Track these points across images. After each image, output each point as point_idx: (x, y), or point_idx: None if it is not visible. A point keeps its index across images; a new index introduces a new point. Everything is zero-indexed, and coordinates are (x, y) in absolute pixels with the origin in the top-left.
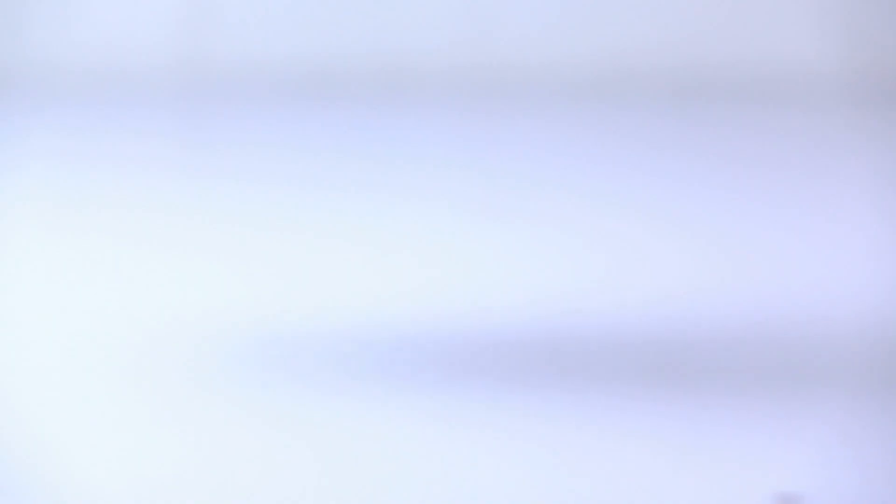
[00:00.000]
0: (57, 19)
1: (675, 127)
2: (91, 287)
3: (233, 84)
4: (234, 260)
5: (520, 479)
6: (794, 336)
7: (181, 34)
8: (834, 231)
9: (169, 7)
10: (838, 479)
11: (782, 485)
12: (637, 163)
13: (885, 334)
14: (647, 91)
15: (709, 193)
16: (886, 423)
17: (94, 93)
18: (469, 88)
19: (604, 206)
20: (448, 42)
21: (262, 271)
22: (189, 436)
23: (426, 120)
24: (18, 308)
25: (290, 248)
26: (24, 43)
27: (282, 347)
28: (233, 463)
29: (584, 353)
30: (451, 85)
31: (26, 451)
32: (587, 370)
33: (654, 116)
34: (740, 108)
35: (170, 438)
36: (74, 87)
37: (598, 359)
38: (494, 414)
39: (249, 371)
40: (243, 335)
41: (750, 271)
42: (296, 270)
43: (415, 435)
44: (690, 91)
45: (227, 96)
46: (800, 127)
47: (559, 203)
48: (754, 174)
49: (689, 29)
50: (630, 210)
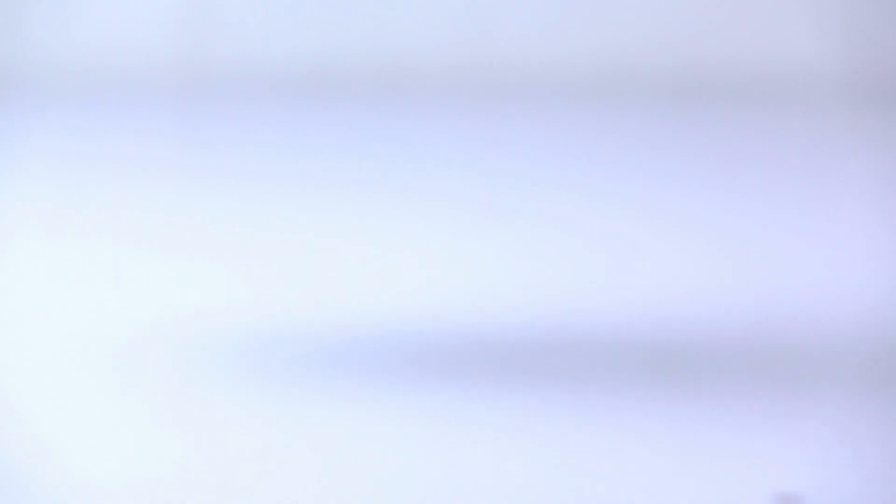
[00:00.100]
0: (57, 19)
1: (675, 127)
2: (91, 287)
3: (233, 84)
4: (234, 260)
5: (520, 479)
6: (794, 336)
7: (181, 34)
8: (834, 231)
9: (169, 7)
10: (838, 479)
11: (782, 485)
12: (637, 163)
13: (885, 334)
14: (647, 91)
15: (709, 193)
16: (886, 423)
17: (94, 93)
18: (469, 88)
19: (604, 206)
20: (448, 42)
21: (262, 271)
22: (189, 436)
23: (426, 120)
24: (18, 308)
25: (290, 248)
26: (24, 43)
27: (281, 347)
28: (233, 463)
29: (584, 353)
30: (451, 85)
31: (26, 451)
32: (587, 370)
33: (654, 116)
34: (740, 108)
35: (169, 438)
36: (74, 87)
37: (599, 359)
38: (494, 414)
39: (249, 371)
40: (243, 335)
41: (750, 271)
42: (296, 270)
43: (415, 435)
44: (690, 91)
45: (227, 96)
46: (800, 127)
47: (559, 203)
48: (754, 174)
49: (689, 29)
50: (630, 210)
